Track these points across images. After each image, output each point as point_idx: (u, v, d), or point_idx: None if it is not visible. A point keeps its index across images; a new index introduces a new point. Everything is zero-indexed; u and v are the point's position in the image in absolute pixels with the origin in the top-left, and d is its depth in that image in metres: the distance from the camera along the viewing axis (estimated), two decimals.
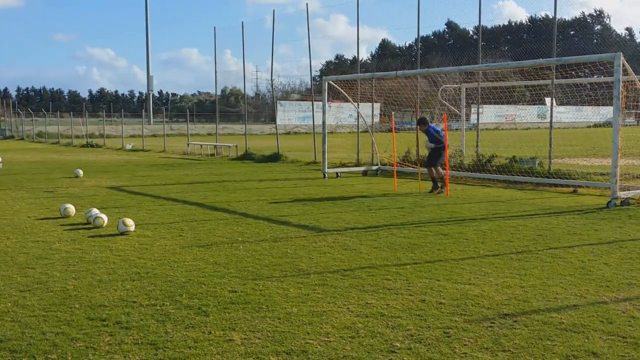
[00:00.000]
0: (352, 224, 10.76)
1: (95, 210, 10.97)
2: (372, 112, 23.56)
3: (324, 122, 19.55)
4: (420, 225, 10.58)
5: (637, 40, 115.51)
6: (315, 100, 24.96)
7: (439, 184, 15.08)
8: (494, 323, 5.50)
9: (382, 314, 5.78)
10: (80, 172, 19.40)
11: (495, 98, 24.65)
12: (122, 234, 9.79)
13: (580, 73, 24.22)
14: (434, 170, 15.15)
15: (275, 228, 10.40)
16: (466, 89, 23.16)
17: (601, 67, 17.66)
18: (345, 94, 21.02)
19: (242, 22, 28.99)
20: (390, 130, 24.79)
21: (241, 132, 58.93)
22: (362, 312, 5.85)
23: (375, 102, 22.99)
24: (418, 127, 15.72)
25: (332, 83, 20.13)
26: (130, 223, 9.93)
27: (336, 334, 5.26)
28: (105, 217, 10.59)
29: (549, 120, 18.38)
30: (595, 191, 14.86)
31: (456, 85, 23.84)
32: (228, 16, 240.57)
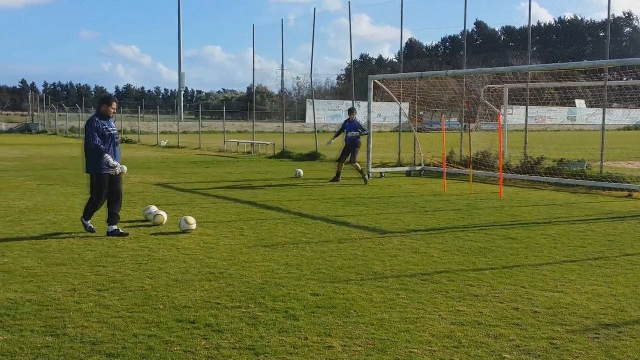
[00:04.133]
0: (414, 226, 10.56)
1: (154, 208, 10.88)
2: (416, 112, 23.24)
3: (369, 122, 19.35)
4: (484, 228, 10.35)
5: None
6: (340, 100, 24.76)
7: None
8: (599, 334, 5.28)
9: (478, 323, 5.58)
10: (125, 168, 19.27)
11: (525, 99, 24.27)
12: (184, 232, 9.68)
13: (609, 77, 23.81)
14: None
15: (336, 229, 10.23)
16: (509, 89, 22.82)
17: (629, 71, 17.29)
18: (391, 94, 20.79)
19: (282, 20, 28.91)
20: (420, 130, 24.62)
21: (270, 130, 59.13)
22: (457, 320, 5.65)
23: (404, 101, 22.77)
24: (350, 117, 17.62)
25: (378, 82, 19.91)
26: (192, 221, 9.82)
27: (438, 343, 5.07)
28: (165, 215, 10.50)
29: (580, 122, 18.15)
30: None
31: (499, 86, 23.50)
32: (251, 15, 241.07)
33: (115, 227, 9.49)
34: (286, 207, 12.55)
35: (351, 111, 18.01)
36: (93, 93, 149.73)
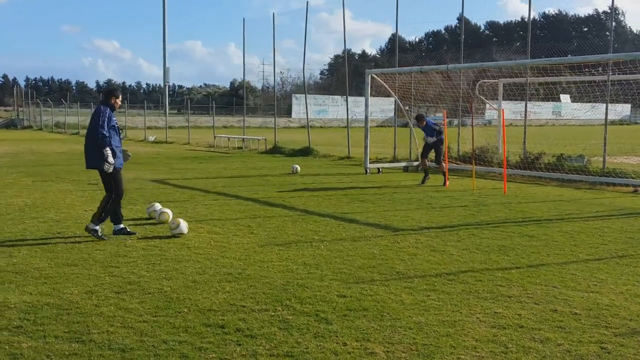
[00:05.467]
0: (424, 223, 10.34)
1: (158, 205, 10.57)
2: (410, 107, 23.02)
3: (366, 117, 19.14)
4: (497, 225, 10.16)
5: None
6: (329, 95, 24.50)
7: (428, 177, 16.38)
8: None
9: (520, 326, 5.36)
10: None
11: (509, 94, 24.16)
12: (174, 235, 9.16)
13: (594, 71, 23.75)
14: (426, 162, 16.47)
15: (347, 226, 9.99)
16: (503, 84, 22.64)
17: (613, 67, 17.19)
18: (389, 88, 20.54)
19: (273, 13, 28.51)
20: (406, 125, 24.39)
21: (255, 124, 58.64)
22: (497, 323, 5.43)
23: (389, 96, 22.39)
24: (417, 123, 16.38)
25: (375, 76, 19.67)
26: (185, 229, 9.24)
27: (485, 349, 4.84)
28: (170, 212, 10.20)
29: (565, 117, 18.13)
30: None
31: (494, 81, 23.33)
32: (232, 9, 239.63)
33: (121, 226, 9.16)
34: (290, 204, 12.28)
35: (419, 118, 16.16)
36: (74, 88, 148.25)
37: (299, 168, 18.63)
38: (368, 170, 18.70)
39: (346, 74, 26.19)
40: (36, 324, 5.28)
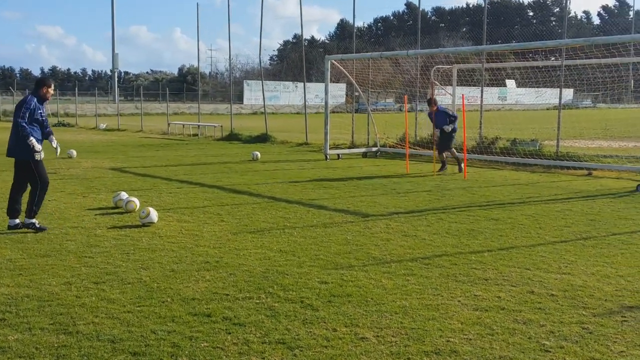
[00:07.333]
0: (392, 208, 10.46)
1: (124, 194, 10.43)
2: (369, 92, 23.13)
3: (326, 103, 19.16)
4: (463, 209, 10.34)
5: (595, 23, 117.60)
6: (282, 81, 24.45)
7: (447, 166, 15.56)
8: (626, 317, 5.27)
9: (501, 308, 5.50)
10: (74, 152, 18.64)
11: (461, 80, 24.52)
12: (143, 224, 9.04)
13: (536, 57, 24.27)
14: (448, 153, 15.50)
15: (316, 213, 10.04)
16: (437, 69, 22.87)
17: (556, 53, 17.66)
18: (349, 75, 20.60)
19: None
20: (356, 111, 24.57)
21: (207, 111, 58.07)
22: (479, 306, 5.56)
23: (339, 82, 22.52)
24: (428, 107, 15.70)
25: (335, 62, 19.70)
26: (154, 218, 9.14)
27: (471, 331, 4.96)
28: (137, 201, 10.08)
29: (510, 102, 18.50)
30: (610, 174, 14.82)
31: (449, 66, 23.59)
32: None
33: (17, 221, 8.72)
34: (256, 191, 12.27)
35: (430, 102, 15.63)
36: (18, 75, 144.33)
37: (259, 155, 18.58)
38: (328, 156, 18.76)
39: (303, 60, 26.17)
40: (19, 316, 5.19)
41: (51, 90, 8.87)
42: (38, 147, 8.50)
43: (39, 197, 8.69)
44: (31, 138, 8.41)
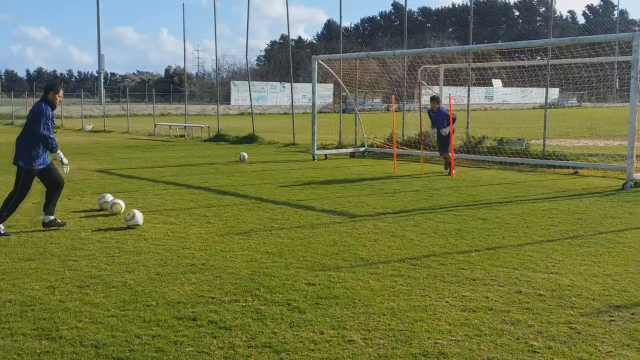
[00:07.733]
0: (380, 208, 10.42)
1: (109, 196, 10.34)
2: (356, 92, 23.09)
3: (313, 103, 19.09)
4: (450, 209, 10.32)
5: (580, 23, 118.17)
6: (269, 81, 24.38)
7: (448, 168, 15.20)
8: (614, 317, 5.26)
9: (489, 308, 5.47)
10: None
11: (448, 79, 24.53)
12: (129, 226, 8.97)
13: (522, 56, 24.34)
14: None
15: (303, 214, 9.98)
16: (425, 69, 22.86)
17: (541, 53, 17.72)
18: (336, 75, 20.56)
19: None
20: (344, 111, 24.55)
21: (194, 112, 57.82)
22: (466, 307, 5.53)
23: (326, 82, 22.52)
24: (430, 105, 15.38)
25: (322, 63, 19.65)
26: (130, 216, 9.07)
27: (459, 332, 4.92)
28: (122, 203, 9.99)
29: (496, 101, 18.51)
30: (596, 172, 14.86)
31: (436, 66, 23.60)
32: None
33: (52, 217, 8.81)
34: (243, 192, 12.20)
35: (434, 99, 15.41)
36: (4, 77, 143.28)
37: (246, 156, 18.49)
38: (315, 156, 18.71)
39: (290, 61, 26.08)
40: (1, 322, 5.11)
41: (58, 96, 8.73)
42: (66, 160, 8.70)
43: (13, 205, 8.54)
44: (58, 151, 8.46)
